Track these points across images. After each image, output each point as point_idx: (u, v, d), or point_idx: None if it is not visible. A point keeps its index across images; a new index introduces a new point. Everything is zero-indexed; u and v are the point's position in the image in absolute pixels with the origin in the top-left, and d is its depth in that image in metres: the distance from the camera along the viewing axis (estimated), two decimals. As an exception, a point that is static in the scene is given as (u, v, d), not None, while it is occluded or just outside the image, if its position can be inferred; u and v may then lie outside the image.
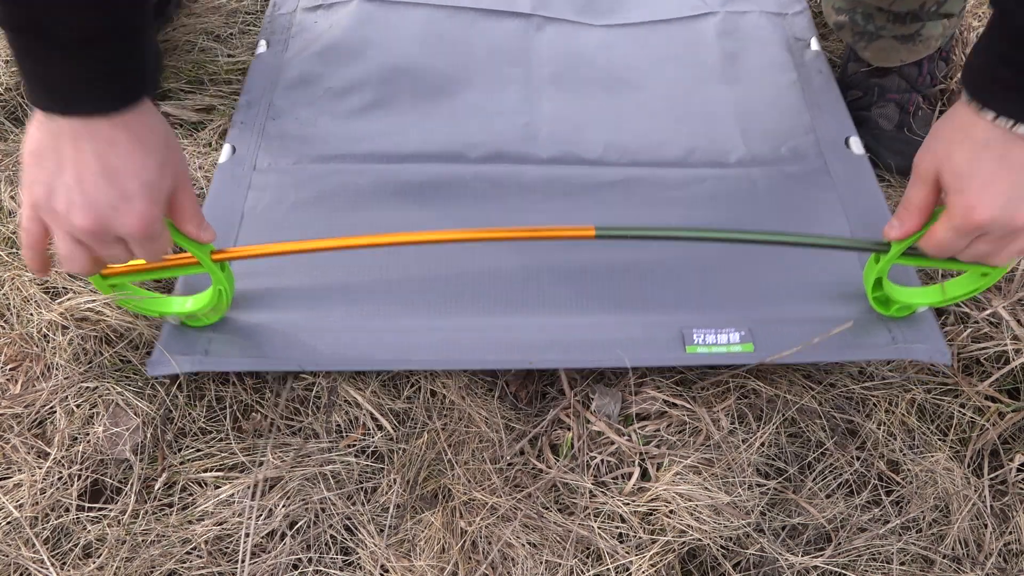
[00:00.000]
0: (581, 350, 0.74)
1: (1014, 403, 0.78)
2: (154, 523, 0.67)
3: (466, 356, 0.74)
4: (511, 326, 0.76)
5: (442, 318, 0.76)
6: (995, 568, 0.69)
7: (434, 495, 0.70)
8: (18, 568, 0.64)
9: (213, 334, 0.74)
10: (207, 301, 0.72)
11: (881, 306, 0.76)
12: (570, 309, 0.77)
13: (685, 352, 0.73)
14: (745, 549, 0.67)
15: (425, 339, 0.74)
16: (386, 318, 0.76)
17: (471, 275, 0.80)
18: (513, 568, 0.65)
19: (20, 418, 0.72)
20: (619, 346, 0.73)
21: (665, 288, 0.79)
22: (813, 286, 0.80)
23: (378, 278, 0.79)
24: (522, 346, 0.74)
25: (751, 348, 0.74)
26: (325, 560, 0.65)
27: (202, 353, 0.72)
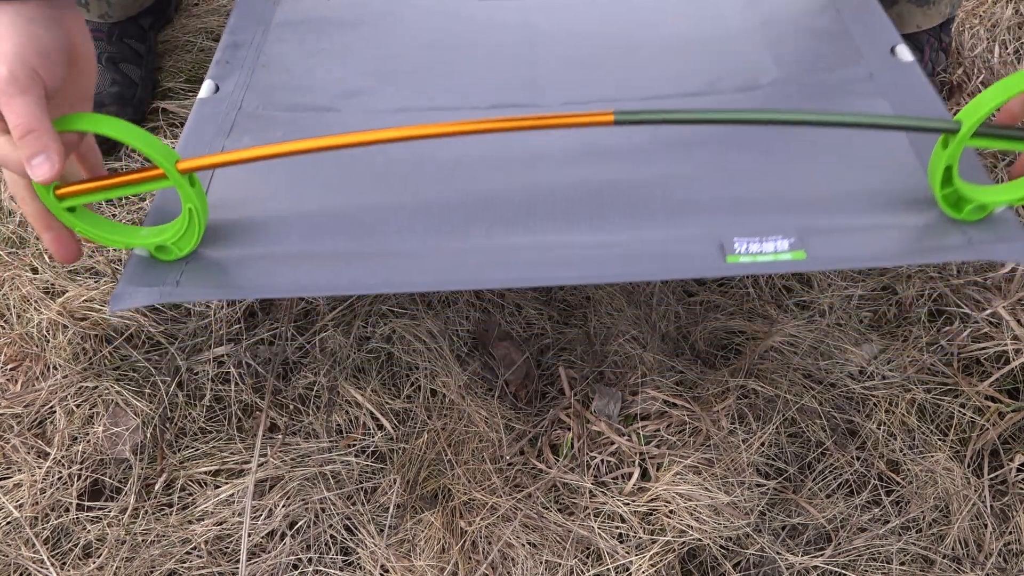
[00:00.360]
0: (601, 265, 0.65)
1: (1014, 403, 0.78)
2: (154, 523, 0.67)
3: (473, 276, 0.66)
4: (521, 246, 0.67)
5: (444, 240, 0.68)
6: (995, 568, 0.69)
7: (434, 495, 0.70)
8: (18, 568, 0.64)
9: (186, 266, 0.66)
10: (177, 226, 0.65)
11: (952, 208, 0.65)
12: (587, 225, 0.67)
13: (725, 262, 0.64)
14: (745, 549, 0.67)
15: (425, 263, 0.66)
16: (382, 242, 0.68)
17: (474, 193, 0.70)
18: (513, 568, 0.65)
19: (20, 418, 0.72)
20: (650, 258, 0.64)
21: (698, 197, 0.69)
22: (868, 191, 0.69)
23: (372, 202, 0.71)
24: (533, 264, 0.65)
25: (803, 255, 0.64)
26: (325, 560, 0.65)
27: (172, 284, 0.64)
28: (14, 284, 0.82)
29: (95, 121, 0.59)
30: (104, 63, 0.98)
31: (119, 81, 0.98)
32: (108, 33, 1.00)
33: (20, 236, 0.87)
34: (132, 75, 1.00)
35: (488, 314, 0.84)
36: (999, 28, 1.12)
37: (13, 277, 0.82)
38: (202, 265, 0.66)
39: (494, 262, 0.65)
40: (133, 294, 0.63)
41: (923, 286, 0.87)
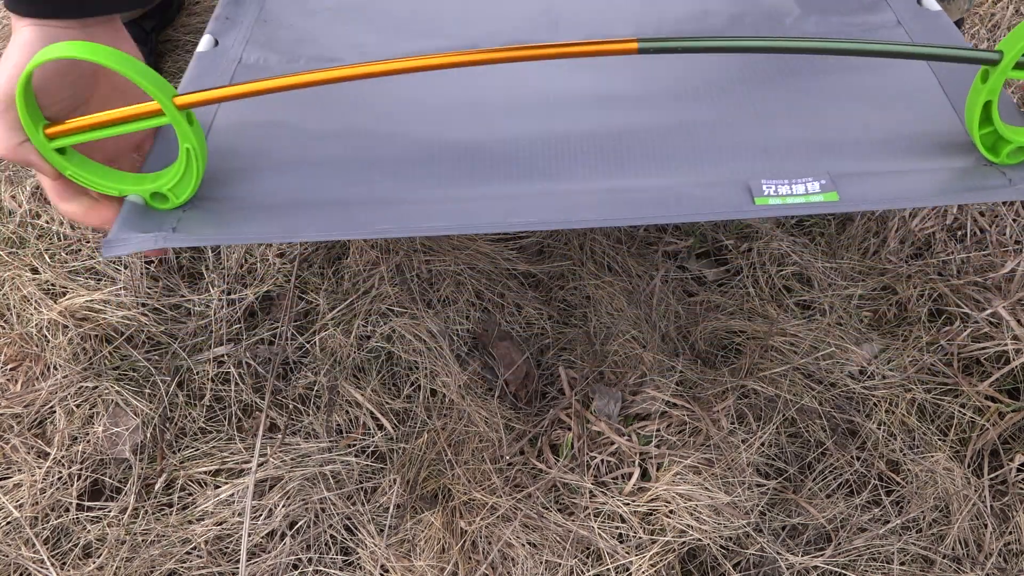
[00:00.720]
0: (621, 208, 0.62)
1: (1014, 403, 0.78)
2: (154, 523, 0.67)
3: (484, 220, 0.63)
4: (535, 192, 0.64)
5: (454, 187, 0.65)
6: (995, 568, 0.69)
7: (434, 495, 0.70)
8: (18, 568, 0.64)
9: (183, 213, 0.63)
10: (174, 171, 0.61)
11: (989, 150, 0.62)
12: (605, 171, 0.65)
13: (754, 204, 0.61)
14: (745, 549, 0.67)
15: (436, 209, 0.63)
16: (389, 189, 0.65)
17: (487, 140, 0.68)
18: (513, 568, 0.65)
19: (20, 418, 0.72)
20: (671, 201, 0.62)
21: (723, 142, 0.66)
22: (900, 134, 0.66)
23: (379, 148, 0.68)
24: (548, 209, 0.63)
25: (836, 197, 0.61)
26: (325, 560, 0.65)
27: (169, 231, 0.61)
28: (14, 284, 0.82)
29: (83, 48, 0.54)
30: (104, 64, 0.98)
31: None
32: (108, 34, 1.00)
33: (20, 236, 0.87)
34: (132, 75, 1.00)
35: (488, 314, 0.84)
36: (1000, 28, 1.12)
37: (13, 277, 0.82)
38: (200, 212, 0.63)
39: (507, 209, 0.62)
40: (127, 240, 0.60)
41: (923, 286, 0.87)
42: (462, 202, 0.64)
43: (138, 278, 0.83)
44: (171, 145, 0.60)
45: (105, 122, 0.58)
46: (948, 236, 0.92)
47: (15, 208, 0.89)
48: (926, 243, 0.92)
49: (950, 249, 0.90)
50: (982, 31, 1.11)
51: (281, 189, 0.65)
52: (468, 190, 0.65)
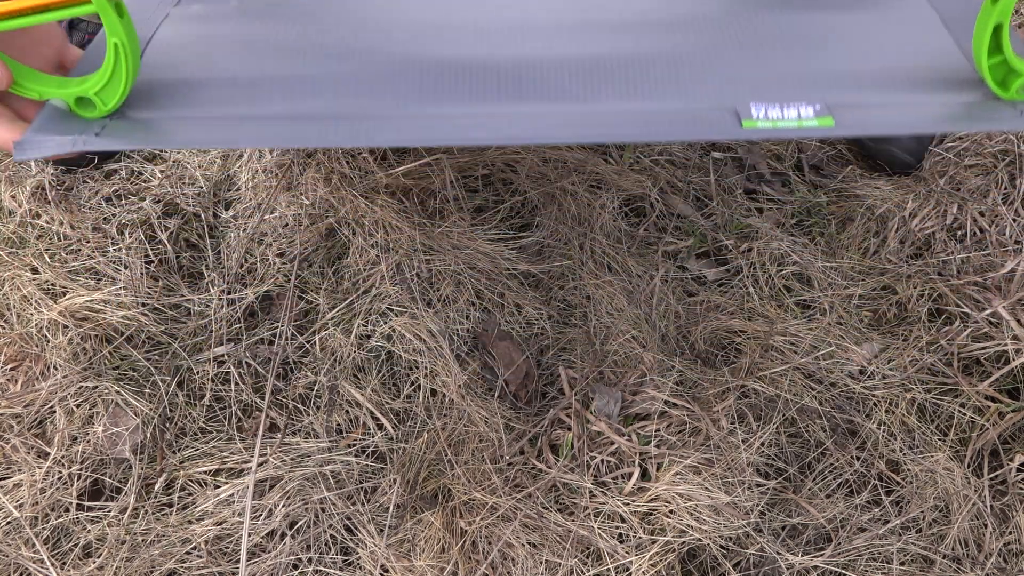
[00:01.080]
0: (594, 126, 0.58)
1: (1014, 403, 0.78)
2: (154, 523, 0.67)
3: (443, 135, 0.59)
4: (504, 113, 0.59)
5: (418, 104, 0.60)
6: (995, 568, 0.69)
7: (434, 495, 0.70)
8: (18, 568, 0.64)
9: (109, 120, 0.57)
10: (101, 72, 0.55)
11: (999, 85, 0.58)
12: (581, 96, 0.60)
13: (741, 127, 0.57)
14: (745, 549, 0.67)
15: (392, 125, 0.59)
16: (344, 104, 0.60)
17: (454, 61, 0.63)
18: (513, 568, 0.65)
19: (20, 418, 0.72)
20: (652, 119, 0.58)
21: (709, 71, 0.62)
22: (901, 68, 0.62)
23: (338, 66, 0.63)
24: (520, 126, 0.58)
25: (831, 122, 0.57)
26: (325, 560, 0.65)
27: (91, 135, 0.55)
28: (14, 284, 0.82)
29: None
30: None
31: None
32: (108, 33, 1.00)
33: (20, 236, 0.87)
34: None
35: (488, 313, 0.84)
36: (999, 28, 1.12)
37: (13, 277, 0.82)
38: (130, 122, 0.57)
39: (470, 125, 0.58)
40: (41, 143, 0.54)
41: (923, 286, 0.87)
42: (421, 119, 0.58)
43: (138, 278, 0.83)
44: (102, 48, 0.54)
45: (23, 9, 0.52)
46: (948, 236, 0.92)
47: (15, 208, 0.89)
48: (926, 243, 0.92)
49: (950, 249, 0.90)
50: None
51: (224, 102, 0.59)
52: (430, 108, 0.59)
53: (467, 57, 0.63)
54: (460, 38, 0.65)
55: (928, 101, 0.60)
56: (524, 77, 0.62)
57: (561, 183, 0.95)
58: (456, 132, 0.58)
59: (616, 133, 0.59)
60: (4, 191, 0.91)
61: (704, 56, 0.64)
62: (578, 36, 0.65)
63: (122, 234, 0.87)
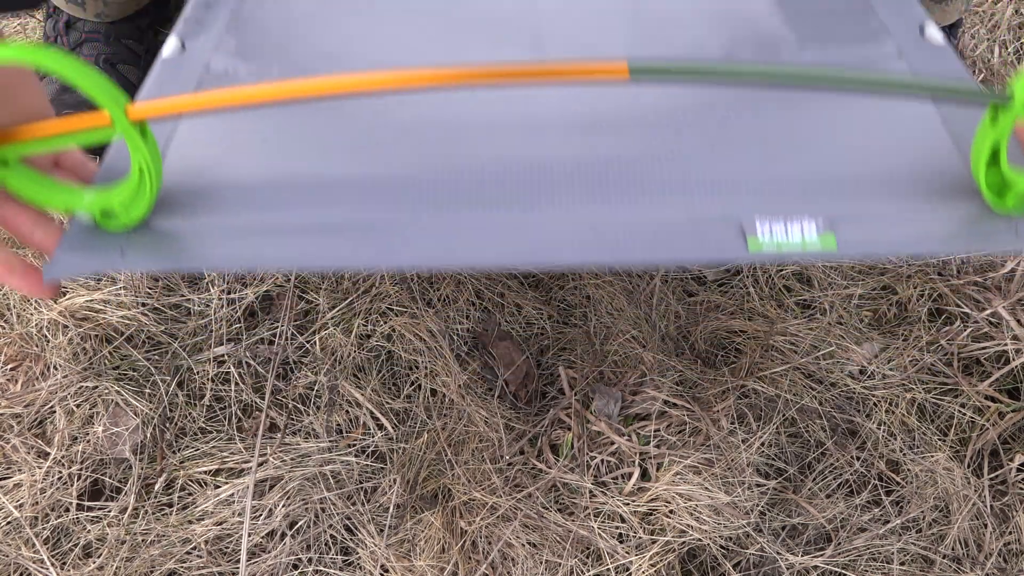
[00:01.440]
0: (606, 247, 0.59)
1: (1014, 403, 0.78)
2: (154, 523, 0.67)
3: (460, 255, 0.59)
4: (518, 222, 0.61)
5: (429, 213, 0.61)
6: (995, 568, 0.69)
7: (434, 495, 0.70)
8: (18, 568, 0.64)
9: (133, 235, 0.58)
10: (126, 188, 0.56)
11: (996, 196, 0.59)
12: (593, 201, 0.62)
13: (747, 251, 0.57)
14: (745, 549, 0.67)
15: (411, 238, 0.60)
16: (358, 212, 0.61)
17: (465, 162, 0.65)
18: (513, 568, 0.65)
19: (20, 418, 0.72)
20: (658, 242, 0.59)
21: (717, 171, 0.63)
22: (906, 178, 0.63)
23: (350, 170, 0.64)
24: (532, 243, 0.59)
25: (833, 242, 0.57)
26: (325, 560, 0.65)
27: (117, 254, 0.57)
28: (14, 284, 0.82)
29: (18, 50, 0.48)
30: (101, 64, 0.98)
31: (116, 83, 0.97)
32: (105, 34, 1.00)
33: (20, 236, 0.87)
34: (130, 76, 0.99)
35: (488, 313, 0.84)
36: (1000, 28, 1.12)
37: (13, 277, 0.82)
38: (152, 233, 0.59)
39: (484, 240, 0.59)
40: (71, 262, 0.56)
41: (923, 286, 0.87)
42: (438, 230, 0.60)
43: (138, 278, 0.83)
44: (124, 153, 0.55)
45: (52, 133, 0.53)
46: (948, 236, 0.92)
47: (15, 208, 0.89)
48: (926, 243, 0.92)
49: (950, 249, 0.90)
50: (982, 31, 1.11)
51: (245, 208, 0.61)
52: (438, 218, 0.61)
53: (481, 158, 0.64)
54: (472, 139, 0.66)
55: (928, 210, 0.60)
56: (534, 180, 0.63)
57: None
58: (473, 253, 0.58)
59: (626, 257, 0.59)
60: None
61: (710, 158, 0.65)
62: (586, 135, 0.66)
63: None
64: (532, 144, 0.67)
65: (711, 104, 0.70)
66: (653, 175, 0.64)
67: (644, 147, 0.66)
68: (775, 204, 0.61)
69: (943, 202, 0.61)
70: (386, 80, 0.53)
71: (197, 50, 0.77)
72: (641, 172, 0.65)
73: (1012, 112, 0.52)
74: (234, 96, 0.52)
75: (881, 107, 0.67)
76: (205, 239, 0.59)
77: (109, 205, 0.55)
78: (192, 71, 0.74)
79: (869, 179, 0.64)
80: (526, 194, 0.63)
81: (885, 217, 0.61)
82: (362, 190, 0.64)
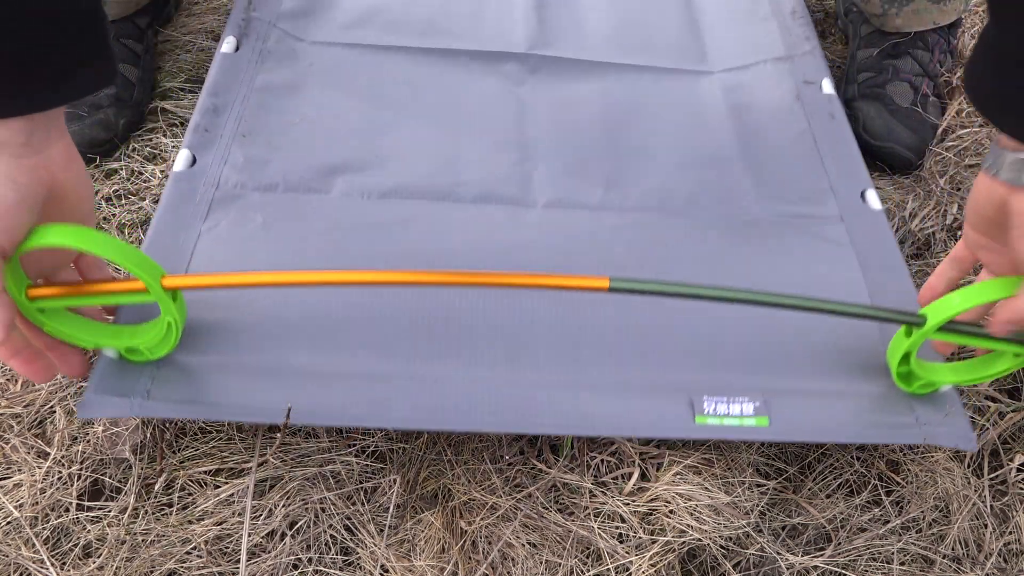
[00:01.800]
0: (580, 418, 0.68)
1: (1014, 403, 0.78)
2: (154, 523, 0.67)
3: (449, 417, 0.67)
4: (502, 383, 0.69)
5: (424, 368, 0.69)
6: (995, 568, 0.69)
7: (434, 495, 0.70)
8: (18, 568, 0.64)
9: (156, 371, 0.65)
10: (153, 334, 0.63)
11: (903, 382, 0.70)
12: (567, 367, 0.71)
13: (695, 423, 0.67)
14: (745, 549, 0.67)
15: (404, 393, 0.67)
16: (360, 363, 0.69)
17: (459, 321, 0.72)
18: (513, 568, 0.65)
19: (20, 418, 0.72)
20: (622, 414, 0.68)
21: (673, 347, 0.73)
22: (832, 354, 0.74)
23: (353, 321, 0.71)
24: (515, 410, 0.68)
25: (766, 422, 0.68)
26: (325, 560, 0.65)
27: (143, 395, 0.64)
28: (14, 284, 0.82)
29: (70, 234, 0.55)
30: (102, 63, 0.98)
31: (116, 83, 0.97)
32: (106, 33, 1.00)
33: (20, 236, 0.87)
34: (130, 76, 0.99)
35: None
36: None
37: (13, 277, 0.82)
38: (175, 372, 0.66)
39: (477, 401, 0.67)
40: (102, 404, 0.63)
41: (923, 286, 0.87)
42: (429, 384, 0.68)
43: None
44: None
45: (89, 292, 0.59)
46: (948, 236, 0.92)
47: (15, 208, 0.89)
48: (926, 243, 0.92)
49: (950, 249, 0.90)
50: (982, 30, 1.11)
51: (254, 357, 0.68)
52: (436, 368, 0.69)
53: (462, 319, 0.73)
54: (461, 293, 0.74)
55: (849, 391, 0.71)
56: (514, 346, 0.71)
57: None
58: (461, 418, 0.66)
59: (594, 425, 0.68)
60: (4, 191, 0.91)
61: (665, 332, 0.74)
62: (560, 306, 0.74)
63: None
64: (512, 303, 0.74)
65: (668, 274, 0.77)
66: (618, 343, 0.73)
67: (611, 317, 0.74)
68: (720, 380, 0.71)
69: (862, 382, 0.72)
70: (385, 278, 0.61)
71: (207, 164, 0.83)
72: (608, 339, 0.73)
73: (923, 332, 0.64)
74: (249, 280, 0.61)
75: (817, 287, 0.73)
76: (220, 383, 0.66)
77: (135, 345, 0.63)
78: (204, 189, 0.81)
79: (803, 359, 0.74)
80: (499, 356, 0.70)
81: (812, 395, 0.71)
82: (357, 340, 0.70)
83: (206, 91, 0.89)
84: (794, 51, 1.06)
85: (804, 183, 0.90)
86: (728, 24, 1.11)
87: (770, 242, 0.83)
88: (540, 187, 0.87)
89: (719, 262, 0.81)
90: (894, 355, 0.68)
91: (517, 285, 0.63)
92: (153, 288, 0.58)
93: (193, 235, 0.76)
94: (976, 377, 0.69)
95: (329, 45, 1.00)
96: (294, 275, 0.60)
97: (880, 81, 1.04)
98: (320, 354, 0.69)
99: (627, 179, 0.90)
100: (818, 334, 0.75)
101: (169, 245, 0.74)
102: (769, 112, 0.99)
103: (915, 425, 0.69)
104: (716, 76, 1.03)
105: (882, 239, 0.84)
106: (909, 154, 0.99)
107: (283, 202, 0.81)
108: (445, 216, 0.82)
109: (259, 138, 0.87)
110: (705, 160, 0.93)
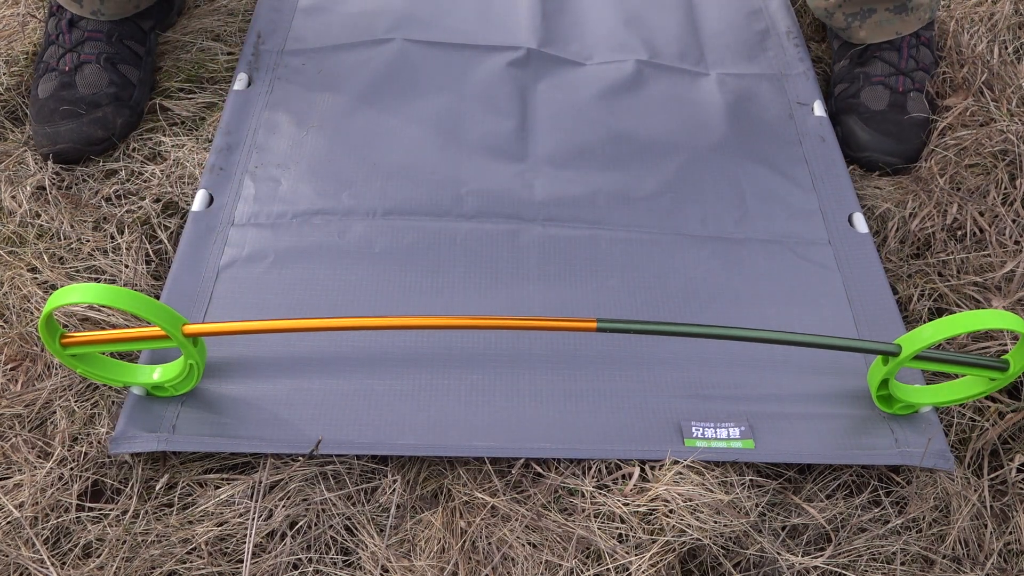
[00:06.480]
0: (576, 441, 0.71)
1: (1014, 403, 0.78)
2: (154, 523, 0.67)
3: (453, 443, 0.71)
4: (501, 410, 0.73)
5: (429, 399, 0.73)
6: (995, 568, 0.69)
7: (434, 495, 0.70)
8: (18, 568, 0.64)
9: (181, 407, 0.71)
10: (176, 373, 0.69)
11: (884, 404, 0.74)
12: (564, 396, 0.74)
13: (683, 445, 0.71)
14: (745, 549, 0.67)
15: (410, 421, 0.72)
16: (368, 396, 0.73)
17: (461, 354, 0.76)
18: (513, 568, 0.65)
19: (21, 418, 0.72)
20: (616, 437, 0.71)
21: (663, 377, 0.76)
22: (815, 379, 0.77)
23: (361, 352, 0.76)
24: (513, 434, 0.71)
25: (752, 445, 0.71)
26: (325, 560, 0.65)
27: (169, 430, 0.69)
28: (14, 284, 0.82)
29: (93, 292, 0.62)
30: (102, 63, 0.98)
31: (116, 82, 0.98)
32: (108, 34, 1.00)
33: (20, 236, 0.87)
34: (130, 76, 1.00)
35: (488, 314, 0.83)
36: (999, 28, 1.12)
37: (13, 277, 0.82)
38: (198, 405, 0.71)
39: (479, 427, 0.71)
40: (132, 439, 0.68)
41: (923, 286, 0.87)
42: (433, 412, 0.72)
43: (138, 277, 0.83)
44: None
45: (117, 339, 0.66)
46: (948, 236, 0.92)
47: (15, 208, 0.89)
48: (926, 243, 0.92)
49: (950, 249, 0.90)
50: (982, 30, 1.11)
51: (271, 389, 0.73)
52: (430, 402, 0.73)
53: (468, 341, 0.77)
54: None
55: (831, 413, 0.74)
56: (515, 379, 0.75)
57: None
58: (460, 443, 0.71)
59: (586, 449, 0.71)
60: (4, 191, 0.91)
61: (660, 366, 0.77)
62: (554, 334, 0.78)
63: (122, 233, 0.87)
64: (511, 337, 0.77)
65: (660, 313, 0.81)
66: (612, 375, 0.76)
67: (607, 350, 0.77)
68: (708, 406, 0.74)
69: (844, 405, 0.75)
70: (382, 323, 0.68)
71: (222, 204, 0.88)
72: (601, 371, 0.76)
73: (898, 361, 0.68)
74: (264, 327, 0.69)
75: (803, 309, 0.78)
76: (240, 415, 0.71)
77: (160, 382, 0.68)
78: (220, 226, 0.86)
79: (787, 383, 0.77)
80: (499, 387, 0.74)
81: (796, 418, 0.74)
82: (366, 373, 0.74)
83: (221, 130, 0.95)
84: (788, 70, 1.09)
85: (796, 206, 0.94)
86: (727, 31, 1.14)
87: (759, 264, 0.87)
88: (539, 201, 0.90)
89: (712, 283, 0.84)
90: (873, 380, 0.73)
91: (512, 327, 0.69)
92: (175, 336, 0.65)
93: (211, 274, 0.82)
94: (953, 399, 0.73)
95: (336, 48, 1.05)
96: (302, 323, 0.69)
97: (853, 91, 1.04)
98: (331, 387, 0.73)
99: (626, 191, 0.92)
100: (802, 359, 0.78)
101: (189, 284, 0.79)
102: (764, 124, 1.02)
103: (894, 447, 0.72)
104: (713, 76, 1.06)
105: (868, 263, 0.88)
106: (893, 159, 0.99)
107: (294, 229, 0.86)
108: (447, 235, 0.86)
109: (269, 167, 0.92)
110: (702, 167, 0.95)
